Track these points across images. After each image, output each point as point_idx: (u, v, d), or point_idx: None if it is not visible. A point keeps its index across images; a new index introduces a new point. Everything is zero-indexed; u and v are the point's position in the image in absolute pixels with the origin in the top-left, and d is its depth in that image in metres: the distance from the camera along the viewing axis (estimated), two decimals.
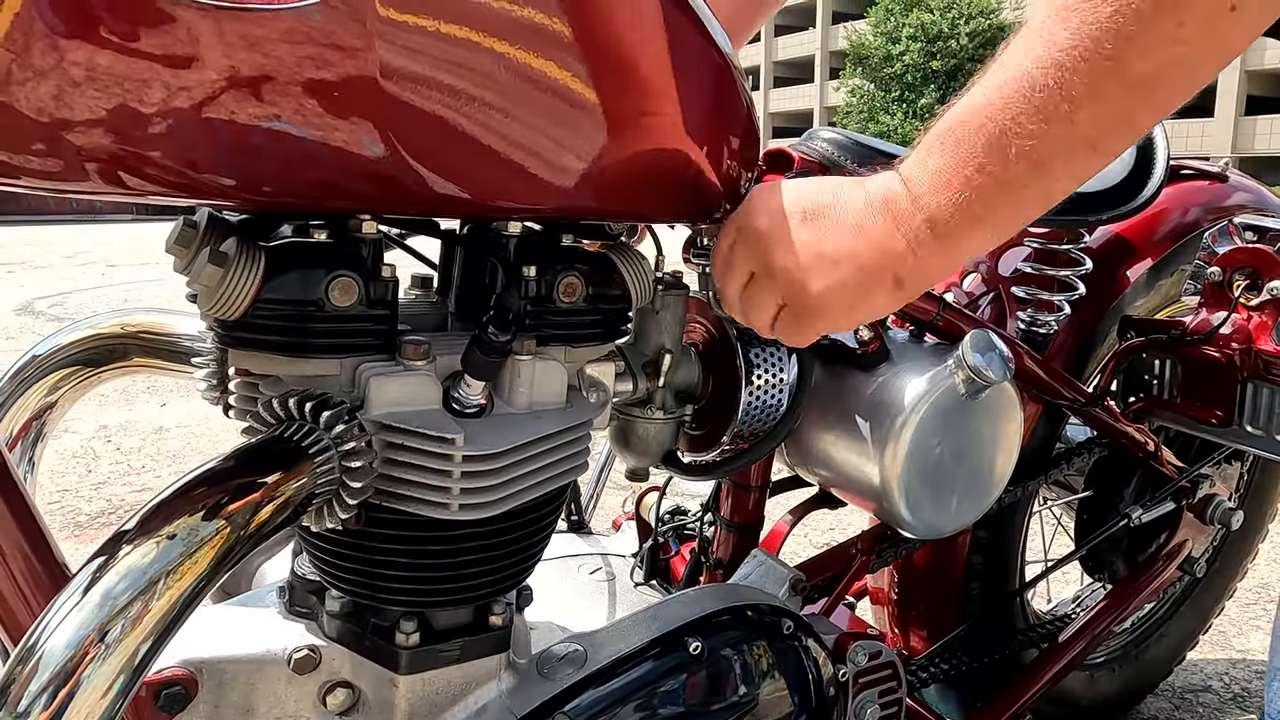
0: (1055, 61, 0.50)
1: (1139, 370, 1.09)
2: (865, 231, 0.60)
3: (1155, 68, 0.49)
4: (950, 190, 0.56)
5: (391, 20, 0.48)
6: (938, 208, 0.57)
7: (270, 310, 0.54)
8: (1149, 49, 0.48)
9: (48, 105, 0.44)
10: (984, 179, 0.54)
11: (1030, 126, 0.51)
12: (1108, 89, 0.49)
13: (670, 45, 0.62)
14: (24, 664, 0.42)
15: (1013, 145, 0.52)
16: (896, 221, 0.59)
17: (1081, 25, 0.48)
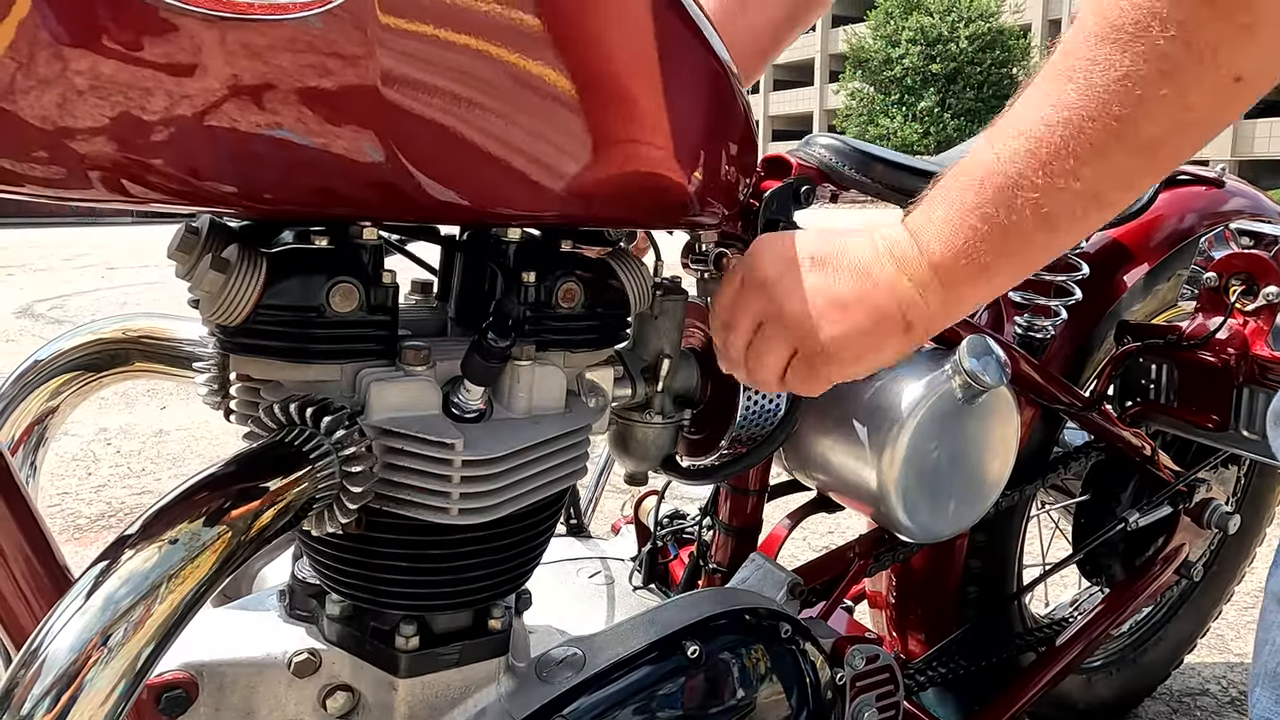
0: (1063, 120, 0.50)
1: (1136, 375, 1.09)
2: (875, 277, 0.60)
3: (1162, 131, 0.49)
4: (957, 240, 0.56)
5: (392, 28, 0.49)
6: (944, 256, 0.57)
7: (272, 316, 0.55)
8: (1155, 114, 0.48)
9: (51, 113, 0.44)
10: (990, 229, 0.55)
11: (1036, 181, 0.52)
12: (1113, 149, 0.50)
13: (668, 53, 0.63)
14: (27, 667, 0.42)
15: (1019, 198, 0.53)
16: (904, 268, 0.59)
17: (1089, 86, 0.49)
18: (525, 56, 0.54)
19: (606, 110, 0.60)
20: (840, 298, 0.61)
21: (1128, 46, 0.47)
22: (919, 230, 0.58)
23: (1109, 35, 0.48)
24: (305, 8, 0.45)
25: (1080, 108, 0.49)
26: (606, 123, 0.60)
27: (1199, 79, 0.47)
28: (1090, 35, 0.49)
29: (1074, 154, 0.50)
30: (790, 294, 0.62)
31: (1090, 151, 0.50)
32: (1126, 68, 0.47)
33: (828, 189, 0.87)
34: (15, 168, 0.45)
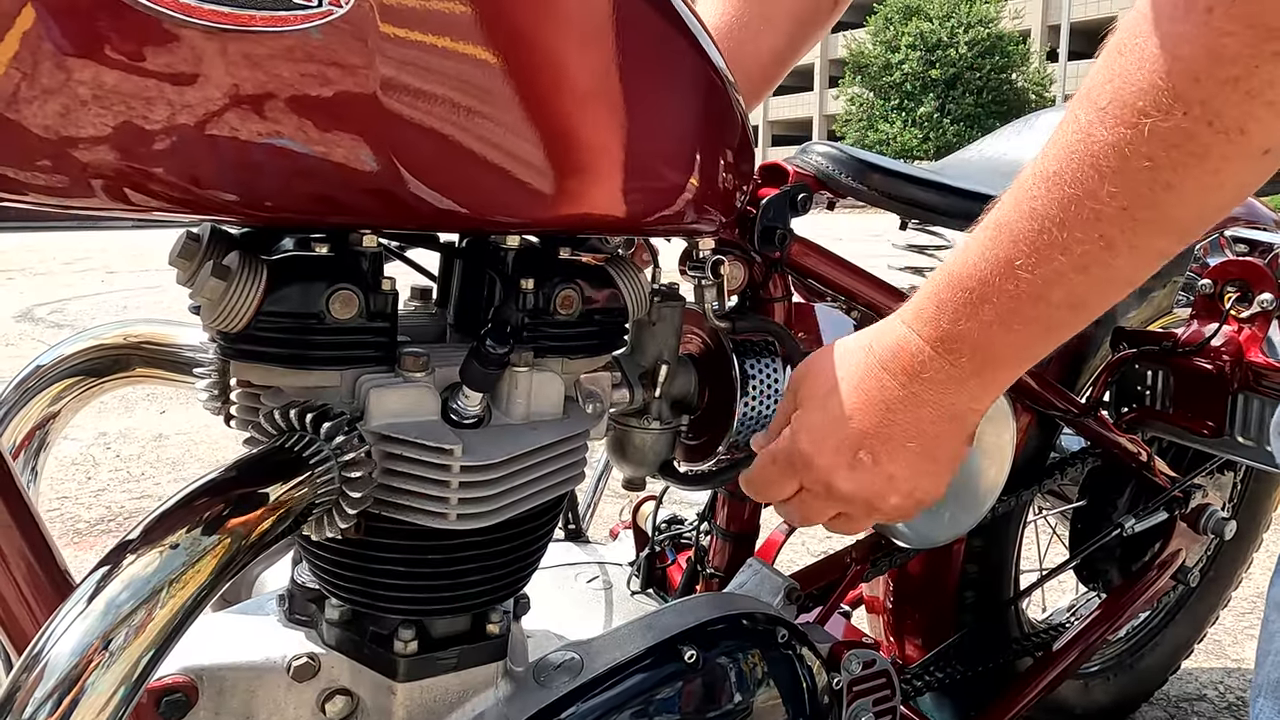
0: (1093, 214, 0.49)
1: (1131, 381, 1.10)
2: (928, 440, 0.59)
3: (1193, 212, 0.49)
4: (1001, 352, 0.55)
5: (393, 39, 0.49)
6: (987, 368, 0.56)
7: (272, 322, 0.55)
8: (1187, 199, 0.47)
9: (55, 123, 0.45)
10: (1028, 333, 0.54)
11: (1072, 280, 0.51)
12: (1148, 235, 0.49)
13: (666, 62, 0.63)
14: (29, 671, 0.43)
15: (1055, 293, 0.52)
16: (955, 400, 0.58)
17: (1118, 175, 0.47)
18: (523, 66, 0.55)
19: (605, 119, 0.60)
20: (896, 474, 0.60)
21: (1151, 132, 0.45)
22: (956, 350, 0.56)
23: (1129, 119, 0.46)
24: (307, 19, 0.46)
25: (1111, 199, 0.48)
26: (605, 131, 0.61)
27: (1228, 158, 0.45)
28: (1109, 118, 0.47)
29: (1108, 244, 0.49)
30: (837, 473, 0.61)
31: (1125, 241, 0.49)
32: (1154, 155, 0.46)
33: (824, 196, 0.87)
34: (19, 176, 0.45)
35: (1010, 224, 0.52)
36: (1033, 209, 0.51)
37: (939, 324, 0.56)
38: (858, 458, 0.59)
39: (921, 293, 0.58)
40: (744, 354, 0.80)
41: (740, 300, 0.85)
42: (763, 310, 0.84)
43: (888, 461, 0.59)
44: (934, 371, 0.57)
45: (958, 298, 0.55)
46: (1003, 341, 0.55)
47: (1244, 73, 0.43)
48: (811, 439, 0.61)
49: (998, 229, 0.53)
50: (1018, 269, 0.51)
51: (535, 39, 0.55)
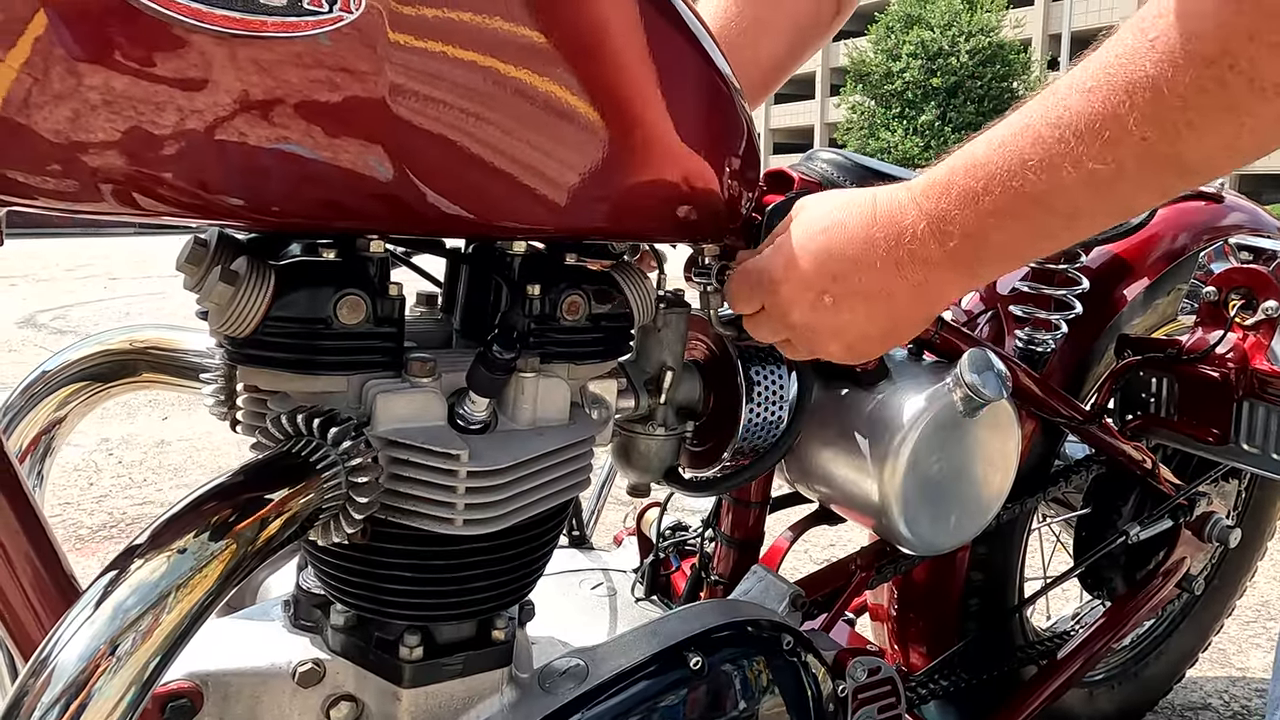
0: (1114, 137, 0.50)
1: (1136, 388, 1.09)
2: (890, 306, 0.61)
3: (1206, 160, 0.50)
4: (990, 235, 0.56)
5: (402, 46, 0.49)
6: (971, 250, 0.58)
7: (279, 328, 0.55)
8: (1206, 144, 0.48)
9: (65, 128, 0.45)
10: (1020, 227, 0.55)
11: (1074, 186, 0.52)
12: (1159, 169, 0.50)
13: (672, 69, 0.64)
14: (36, 676, 0.43)
15: (1057, 201, 0.53)
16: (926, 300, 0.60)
17: (1150, 109, 0.48)
18: (531, 73, 0.55)
19: (611, 126, 0.60)
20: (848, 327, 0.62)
21: (1194, 77, 0.46)
22: (948, 232, 0.57)
23: (1175, 59, 0.47)
24: (318, 25, 0.46)
25: (1135, 130, 0.49)
26: (611, 138, 0.61)
27: (1258, 115, 0.46)
28: (1155, 51, 0.48)
29: (1120, 169, 0.50)
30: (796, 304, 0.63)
31: (1137, 169, 0.50)
32: (1188, 97, 0.47)
33: None
34: (29, 180, 0.46)
35: (1033, 125, 0.53)
36: (1059, 117, 0.51)
37: (939, 202, 0.57)
38: (821, 298, 0.61)
39: (938, 168, 0.59)
40: (749, 361, 0.80)
41: None
42: None
43: (846, 311, 0.61)
44: (921, 246, 0.58)
45: (964, 182, 0.55)
46: (994, 235, 0.56)
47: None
48: (786, 266, 0.63)
49: (1022, 127, 0.53)
50: (1028, 168, 0.52)
51: (543, 47, 0.56)
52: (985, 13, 30.14)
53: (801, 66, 1.06)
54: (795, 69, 1.03)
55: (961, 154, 0.57)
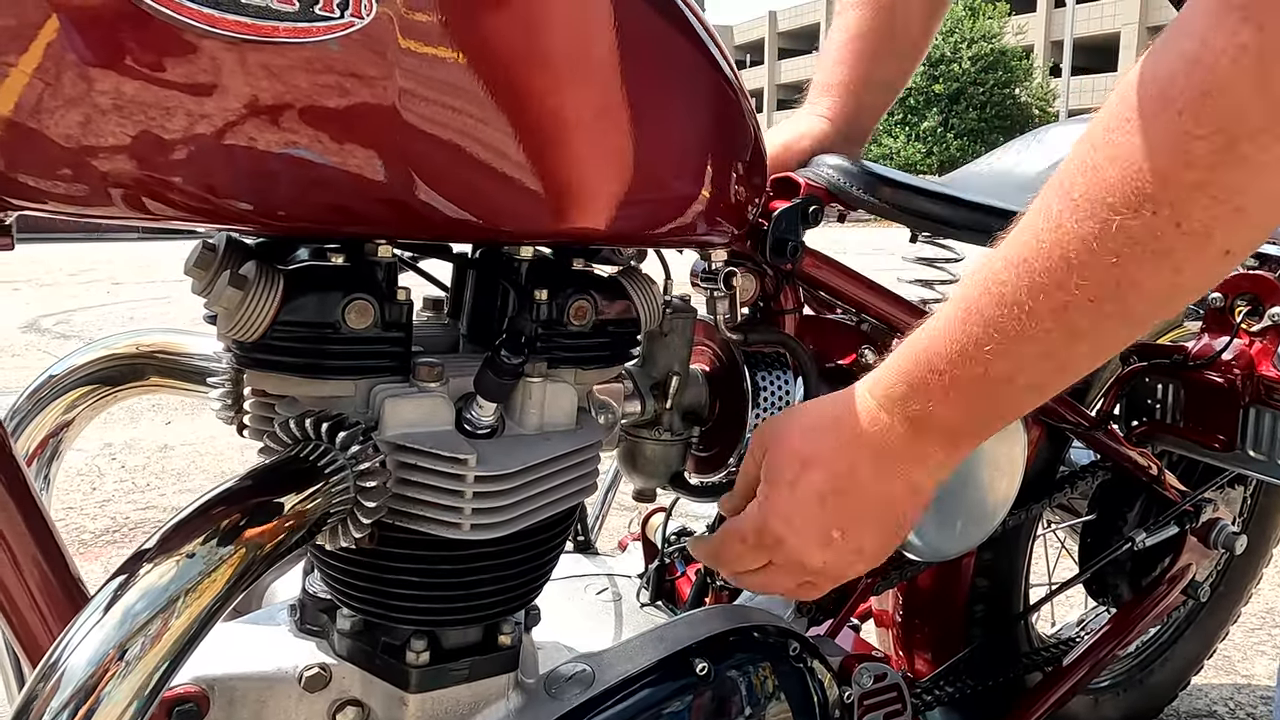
0: (1061, 304, 0.50)
1: (1142, 395, 1.09)
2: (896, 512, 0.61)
3: (1153, 309, 0.50)
4: (963, 423, 0.57)
5: (413, 53, 0.50)
6: (951, 438, 0.58)
7: (288, 332, 0.55)
8: (1148, 293, 0.48)
9: (76, 132, 0.45)
10: (989, 406, 0.56)
11: (1030, 369, 0.53)
12: (1109, 327, 0.50)
13: (681, 75, 0.64)
14: (46, 680, 0.43)
15: (1016, 382, 0.54)
16: (913, 466, 0.60)
17: (1084, 267, 0.48)
18: (540, 80, 0.55)
19: (619, 132, 0.61)
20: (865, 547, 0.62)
21: (1120, 228, 0.46)
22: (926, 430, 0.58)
23: (1100, 214, 0.47)
24: (329, 30, 0.46)
25: (1079, 293, 0.49)
26: (619, 144, 0.61)
27: (1191, 258, 0.46)
28: (1080, 211, 0.48)
29: (1074, 332, 0.50)
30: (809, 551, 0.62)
31: (1090, 328, 0.50)
32: (1121, 251, 0.47)
33: (836, 209, 0.87)
34: (39, 185, 0.46)
35: (980, 308, 0.52)
36: (1001, 294, 0.51)
37: (909, 405, 0.57)
38: (830, 536, 0.61)
39: (891, 368, 0.59)
40: (755, 366, 0.80)
41: (751, 312, 0.85)
42: (774, 322, 0.84)
43: (858, 536, 0.61)
44: (903, 449, 0.58)
45: (928, 379, 0.56)
46: (969, 420, 0.57)
47: (1209, 177, 0.43)
48: (784, 521, 0.62)
49: (967, 311, 0.53)
50: (986, 354, 0.52)
51: (552, 53, 0.56)
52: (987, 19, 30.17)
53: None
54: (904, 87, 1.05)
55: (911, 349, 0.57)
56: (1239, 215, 0.44)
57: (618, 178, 0.62)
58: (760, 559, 0.65)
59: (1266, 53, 0.41)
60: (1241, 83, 0.41)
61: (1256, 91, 0.41)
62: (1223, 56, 0.42)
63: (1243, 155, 0.42)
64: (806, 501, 0.61)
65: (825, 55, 0.98)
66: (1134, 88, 0.46)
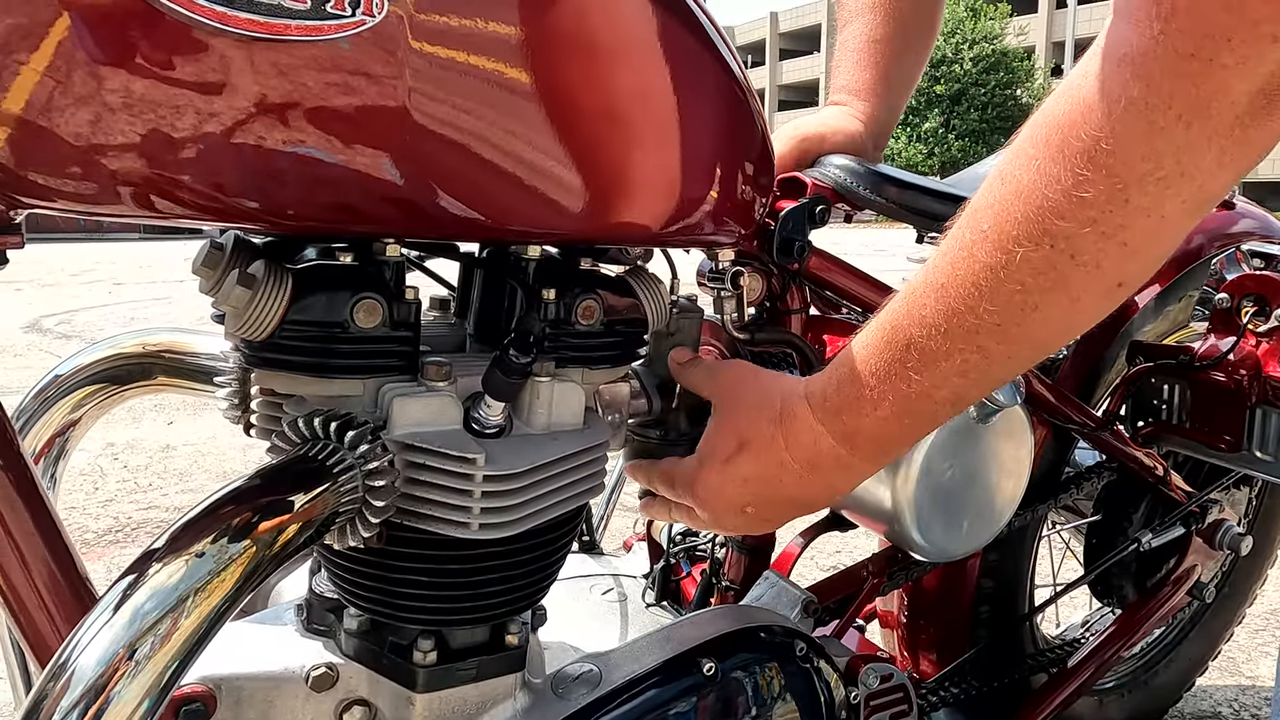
0: (973, 327, 0.54)
1: (1148, 395, 1.09)
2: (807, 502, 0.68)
3: (1054, 334, 0.55)
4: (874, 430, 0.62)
5: (423, 51, 0.50)
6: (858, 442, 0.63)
7: (296, 331, 0.55)
8: (1049, 319, 0.52)
9: (85, 130, 0.45)
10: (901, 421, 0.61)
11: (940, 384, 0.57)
12: (1017, 348, 0.55)
13: (690, 75, 0.64)
14: (56, 679, 0.42)
15: (940, 393, 0.58)
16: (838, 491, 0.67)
17: (994, 296, 0.52)
18: (549, 80, 0.55)
19: (627, 132, 0.61)
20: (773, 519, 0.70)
21: (1023, 259, 0.50)
22: (853, 442, 0.63)
23: (1006, 246, 0.51)
24: (340, 29, 0.46)
25: (987, 318, 0.53)
26: (628, 143, 0.61)
27: (1086, 288, 0.50)
28: (989, 242, 0.52)
29: (986, 354, 0.55)
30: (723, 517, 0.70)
31: (1000, 351, 0.54)
32: (1024, 280, 0.51)
33: (842, 209, 0.87)
34: (48, 183, 0.46)
35: (902, 328, 0.57)
36: (922, 317, 0.56)
37: (840, 419, 0.62)
38: (744, 510, 0.69)
39: (827, 378, 0.63)
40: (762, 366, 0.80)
41: (758, 312, 0.85)
42: (781, 322, 0.84)
43: (768, 514, 0.69)
44: (830, 461, 0.64)
45: (858, 393, 0.61)
46: (894, 432, 0.61)
47: (1101, 215, 0.47)
48: (709, 491, 0.69)
49: (893, 330, 0.58)
50: (909, 370, 0.57)
51: (561, 54, 0.56)
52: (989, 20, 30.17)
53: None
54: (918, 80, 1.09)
55: (845, 363, 0.62)
56: (1124, 250, 0.48)
57: (626, 177, 0.62)
58: (682, 500, 0.72)
59: (1154, 107, 0.44)
60: (1130, 133, 0.45)
61: (1143, 141, 0.45)
62: (1115, 107, 0.45)
63: (1127, 199, 0.47)
64: (733, 480, 0.67)
65: (845, 58, 1.01)
66: (1041, 127, 0.50)
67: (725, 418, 0.69)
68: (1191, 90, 0.43)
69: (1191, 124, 0.44)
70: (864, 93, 0.98)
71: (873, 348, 0.60)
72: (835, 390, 0.62)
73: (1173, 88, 0.43)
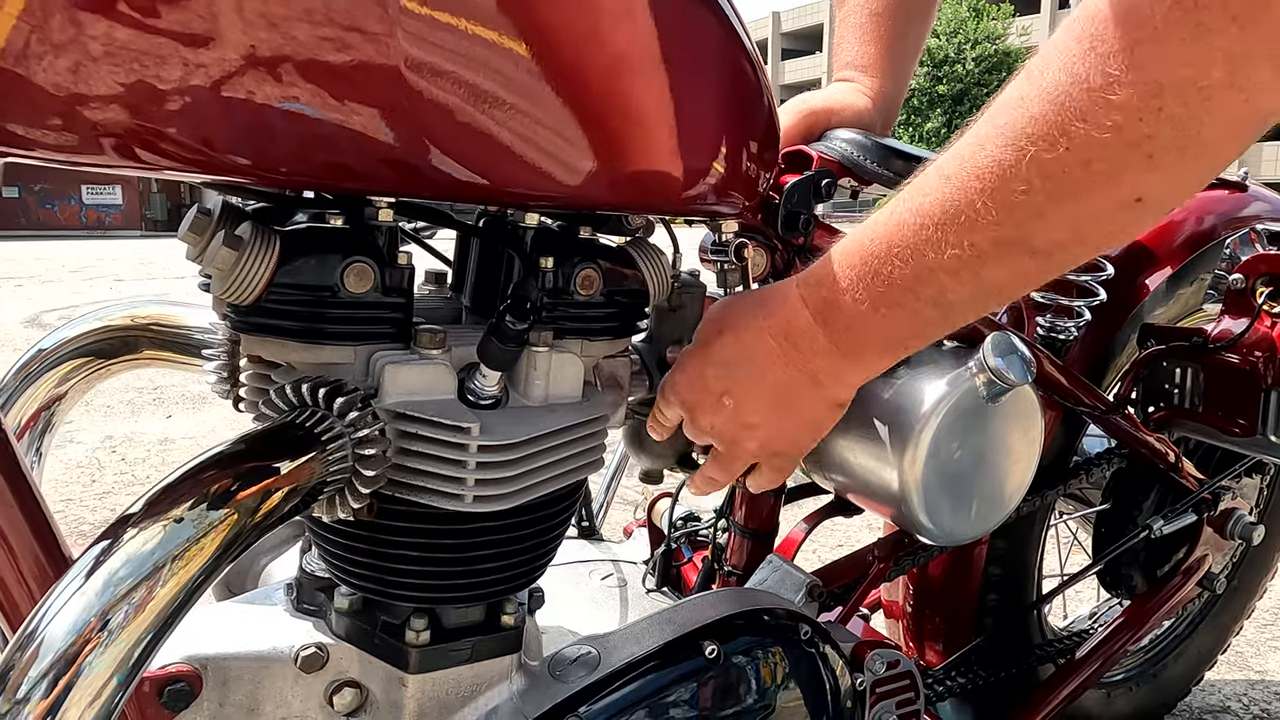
0: (968, 221, 0.51)
1: (1160, 379, 1.07)
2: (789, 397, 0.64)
3: (1059, 244, 0.51)
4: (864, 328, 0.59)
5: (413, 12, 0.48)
6: (849, 343, 0.60)
7: (285, 295, 0.53)
8: (1053, 229, 0.49)
9: (65, 79, 0.43)
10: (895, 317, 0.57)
11: (941, 277, 0.53)
12: (1013, 254, 0.51)
13: (694, 40, 0.62)
14: (24, 649, 0.40)
15: (923, 291, 0.55)
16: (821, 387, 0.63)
17: (996, 192, 0.49)
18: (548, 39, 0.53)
19: (629, 95, 0.59)
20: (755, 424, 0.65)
21: (1033, 159, 0.47)
22: (830, 322, 0.60)
23: (1018, 143, 0.48)
24: None
25: (984, 214, 0.50)
26: (628, 107, 0.59)
27: (1099, 200, 0.47)
28: (1001, 137, 0.49)
29: (978, 253, 0.51)
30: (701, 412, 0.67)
31: (994, 253, 0.51)
32: (1030, 181, 0.48)
33: (849, 184, 0.85)
34: (28, 133, 0.44)
35: (898, 214, 0.54)
36: (920, 204, 0.53)
37: (819, 292, 0.59)
38: (721, 401, 0.64)
39: (819, 260, 0.61)
40: None
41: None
42: None
43: (749, 411, 0.64)
44: (807, 338, 0.60)
45: (842, 271, 0.58)
46: (871, 323, 0.58)
47: (1127, 122, 0.43)
48: (686, 377, 0.66)
49: (890, 214, 0.55)
50: (894, 256, 0.54)
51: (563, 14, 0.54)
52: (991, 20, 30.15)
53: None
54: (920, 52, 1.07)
55: (845, 244, 0.59)
56: (1149, 163, 0.45)
57: (628, 144, 0.60)
58: (674, 416, 0.69)
59: (1203, 5, 0.40)
60: (1173, 32, 0.41)
61: (1188, 44, 0.41)
62: (1159, 5, 0.41)
63: (1160, 106, 0.42)
64: (709, 362, 0.65)
65: (847, 34, 0.99)
66: (1077, 22, 0.46)
67: (708, 319, 0.67)
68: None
69: (1247, 26, 0.39)
70: (870, 68, 0.96)
71: (868, 228, 0.57)
72: (821, 264, 0.60)
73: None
